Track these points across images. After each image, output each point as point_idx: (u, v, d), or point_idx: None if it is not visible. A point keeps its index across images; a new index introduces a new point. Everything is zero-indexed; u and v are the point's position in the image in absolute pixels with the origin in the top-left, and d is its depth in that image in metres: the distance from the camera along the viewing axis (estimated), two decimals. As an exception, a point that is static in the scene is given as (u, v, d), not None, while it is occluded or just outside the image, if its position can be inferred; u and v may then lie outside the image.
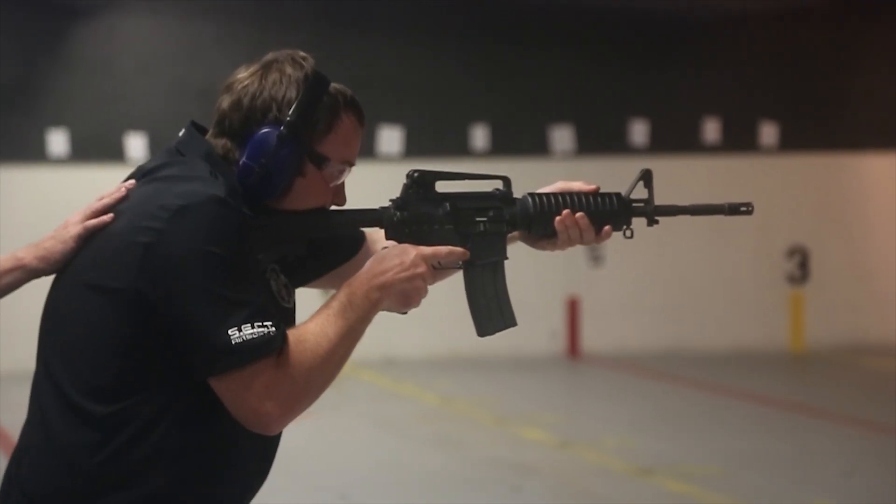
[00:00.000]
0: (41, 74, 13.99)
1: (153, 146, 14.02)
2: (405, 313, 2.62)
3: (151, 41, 14.27)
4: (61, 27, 14.01)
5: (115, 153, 14.07)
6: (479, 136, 14.76)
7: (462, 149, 14.67)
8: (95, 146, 14.08)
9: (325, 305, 2.54)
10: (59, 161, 14.07)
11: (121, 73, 14.16)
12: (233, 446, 2.55)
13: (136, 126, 14.13)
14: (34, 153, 14.00)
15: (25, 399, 2.64)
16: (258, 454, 2.62)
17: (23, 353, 3.99)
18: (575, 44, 14.91)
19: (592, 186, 2.80)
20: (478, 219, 2.70)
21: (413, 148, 14.48)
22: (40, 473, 2.53)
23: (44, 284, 2.67)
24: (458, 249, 2.66)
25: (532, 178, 14.75)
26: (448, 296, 2.85)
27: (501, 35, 14.81)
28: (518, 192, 2.78)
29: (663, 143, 15.00)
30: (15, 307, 6.37)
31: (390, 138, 14.46)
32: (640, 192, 2.82)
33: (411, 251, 2.59)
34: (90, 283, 2.51)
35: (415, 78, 14.61)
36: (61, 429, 2.51)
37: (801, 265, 15.34)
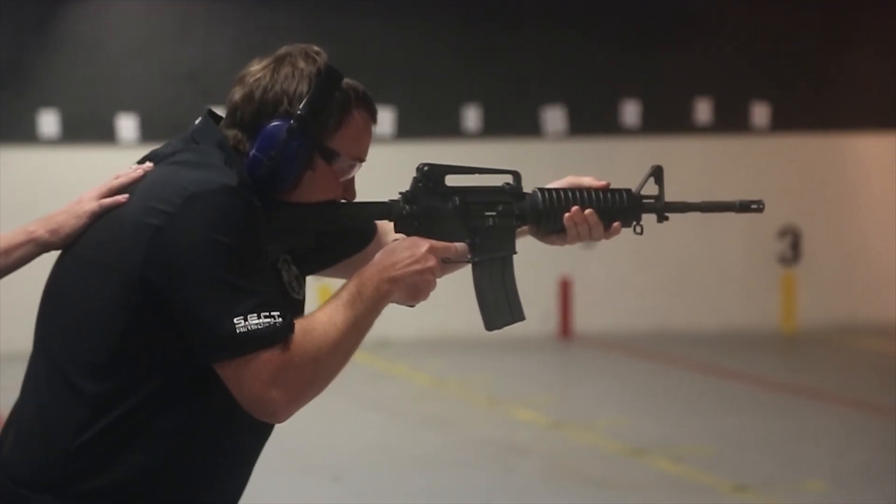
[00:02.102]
0: (32, 55, 13.95)
1: (144, 127, 13.99)
2: (413, 306, 2.64)
3: (142, 22, 14.23)
4: (52, 8, 13.96)
5: (105, 134, 14.05)
6: (471, 117, 14.74)
7: (454, 130, 14.66)
8: (86, 127, 14.05)
9: (335, 295, 2.54)
10: (50, 142, 14.04)
11: (111, 54, 14.12)
12: (221, 436, 2.55)
13: (126, 107, 14.10)
14: (25, 134, 13.97)
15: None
16: (246, 447, 2.62)
17: (22, 333, 3.98)
18: (567, 24, 14.89)
19: (602, 182, 2.80)
20: (487, 213, 2.70)
21: (404, 129, 14.46)
22: (22, 452, 2.53)
23: (45, 265, 2.66)
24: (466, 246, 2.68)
25: (524, 159, 14.76)
26: (442, 278, 2.86)
27: (493, 16, 14.79)
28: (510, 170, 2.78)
29: (655, 123, 14.99)
30: (15, 288, 6.35)
31: (381, 119, 14.43)
32: (650, 188, 2.82)
33: (422, 245, 2.60)
34: (96, 259, 2.51)
35: (406, 59, 14.58)
36: (51, 405, 2.51)
37: (792, 245, 15.35)
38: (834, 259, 15.49)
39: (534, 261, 14.42)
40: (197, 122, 2.63)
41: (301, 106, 2.56)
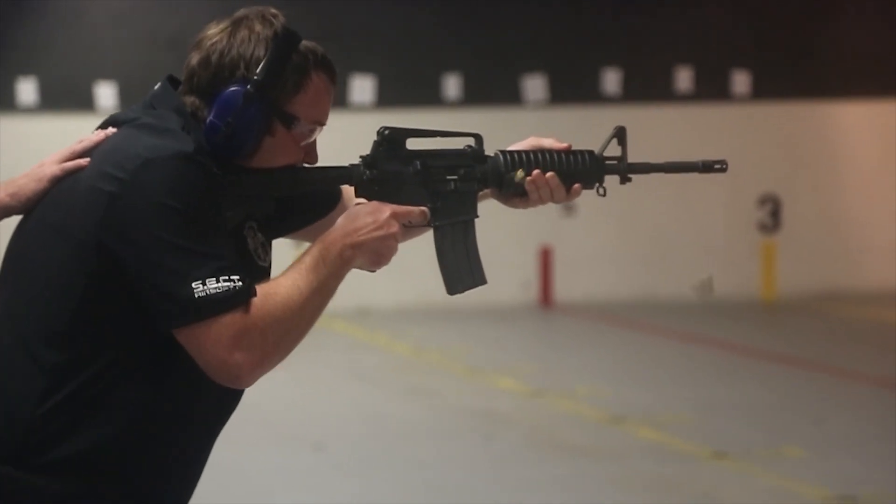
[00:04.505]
0: (10, 23, 13.87)
1: (123, 95, 13.94)
2: (374, 272, 2.62)
3: (121, -11, 14.15)
4: (30, -25, 13.88)
5: (84, 102, 13.98)
6: (452, 85, 14.71)
7: (434, 98, 14.62)
8: (65, 95, 13.99)
9: (298, 260, 2.52)
10: (29, 110, 13.98)
11: (91, 22, 14.05)
12: (184, 405, 2.53)
13: (106, 75, 14.04)
14: (3, 102, 13.90)
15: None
16: (211, 416, 2.60)
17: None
18: (547, -8, 14.85)
19: (564, 144, 2.78)
20: (448, 177, 2.67)
21: (385, 97, 14.43)
22: None
23: (7, 230, 2.64)
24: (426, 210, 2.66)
25: (504, 127, 14.77)
26: (421, 246, 2.85)
27: (474, -17, 14.73)
28: (491, 140, 2.77)
29: (636, 91, 14.98)
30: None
31: (362, 88, 14.40)
32: (613, 149, 2.81)
33: (385, 210, 2.57)
34: (55, 224, 2.49)
35: (387, 27, 14.53)
36: (12, 374, 2.48)
37: (772, 214, 15.37)
38: (814, 227, 15.52)
39: (514, 229, 14.48)
40: (156, 87, 2.61)
41: (258, 70, 2.53)
